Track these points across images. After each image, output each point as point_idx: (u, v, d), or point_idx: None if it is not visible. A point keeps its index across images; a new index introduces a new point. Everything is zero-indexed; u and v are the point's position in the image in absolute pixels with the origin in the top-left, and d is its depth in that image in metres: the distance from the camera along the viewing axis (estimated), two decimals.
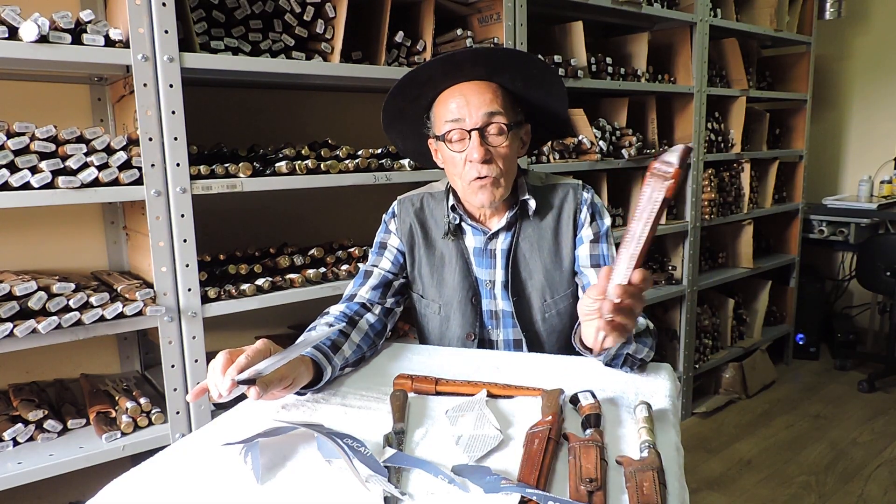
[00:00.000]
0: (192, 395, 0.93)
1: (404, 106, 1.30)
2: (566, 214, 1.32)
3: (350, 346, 1.17)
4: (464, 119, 1.21)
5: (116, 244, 1.87)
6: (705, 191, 3.08)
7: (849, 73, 4.13)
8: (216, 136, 1.89)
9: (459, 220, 1.34)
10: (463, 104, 1.21)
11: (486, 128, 1.21)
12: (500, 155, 1.23)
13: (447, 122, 1.23)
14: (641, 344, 1.10)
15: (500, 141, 1.22)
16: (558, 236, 1.32)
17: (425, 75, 1.23)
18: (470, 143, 1.21)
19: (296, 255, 1.86)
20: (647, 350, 1.13)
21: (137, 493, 0.78)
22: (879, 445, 2.89)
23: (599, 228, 1.32)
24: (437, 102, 1.27)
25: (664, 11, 2.72)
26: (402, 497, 0.75)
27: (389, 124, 1.35)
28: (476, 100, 1.21)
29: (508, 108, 1.24)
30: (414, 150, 1.42)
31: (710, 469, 2.73)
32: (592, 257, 1.30)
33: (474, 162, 1.21)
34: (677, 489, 0.77)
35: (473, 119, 1.20)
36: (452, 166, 1.26)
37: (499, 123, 1.21)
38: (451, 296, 1.35)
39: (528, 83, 1.26)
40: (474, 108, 1.20)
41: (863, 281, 3.66)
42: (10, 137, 1.35)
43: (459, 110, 1.21)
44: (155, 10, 1.45)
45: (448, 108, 1.23)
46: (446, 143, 1.24)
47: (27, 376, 1.76)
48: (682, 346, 3.13)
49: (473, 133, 1.20)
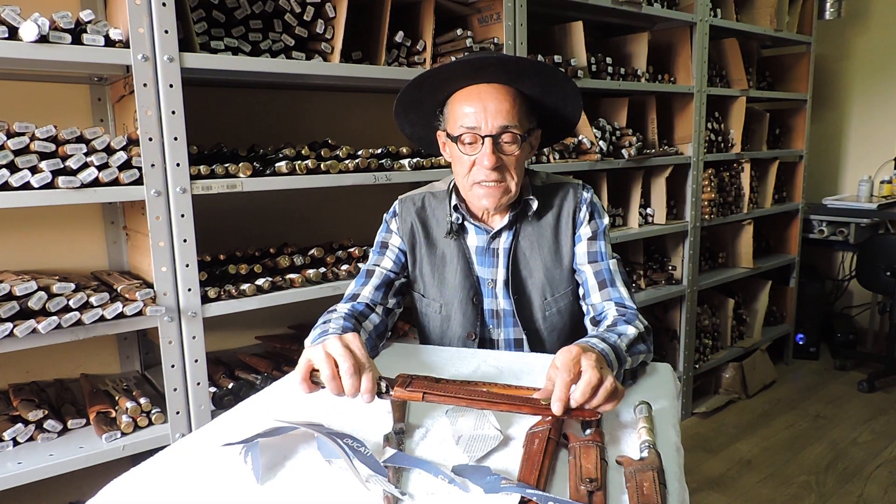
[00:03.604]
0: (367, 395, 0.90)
1: (420, 97, 1.29)
2: (566, 213, 1.33)
3: None
4: (479, 126, 1.20)
5: (116, 244, 1.87)
6: (705, 191, 3.08)
7: (849, 73, 4.13)
8: (216, 136, 1.89)
9: (462, 220, 1.35)
10: (480, 110, 1.20)
11: (501, 135, 1.21)
12: (511, 162, 1.23)
13: (461, 126, 1.22)
14: (635, 353, 1.10)
15: (512, 149, 1.22)
16: (558, 235, 1.33)
17: (448, 72, 1.23)
18: (482, 149, 1.21)
19: (296, 255, 1.86)
20: (644, 355, 1.13)
21: (137, 493, 0.78)
22: (879, 445, 2.89)
23: (598, 227, 1.33)
24: (453, 99, 1.26)
25: (664, 11, 2.72)
26: (402, 497, 0.75)
27: (402, 112, 1.34)
28: (494, 107, 1.20)
29: (524, 117, 1.24)
30: (420, 138, 1.41)
31: (710, 469, 2.73)
32: (590, 254, 1.31)
33: (484, 167, 1.21)
34: (677, 489, 0.78)
35: (489, 127, 1.20)
36: (460, 165, 1.26)
37: (513, 133, 1.21)
38: (452, 295, 1.35)
39: (546, 90, 1.27)
40: (491, 117, 1.20)
41: (863, 281, 3.66)
42: (10, 137, 1.35)
43: (476, 116, 1.20)
44: (155, 10, 1.45)
45: (464, 111, 1.22)
46: (458, 143, 1.24)
47: (27, 376, 1.76)
48: (682, 346, 3.13)
49: (487, 139, 1.20)
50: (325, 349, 0.91)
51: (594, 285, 1.29)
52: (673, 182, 2.96)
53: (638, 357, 1.11)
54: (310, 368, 0.92)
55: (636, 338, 1.12)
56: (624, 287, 1.28)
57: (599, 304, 1.27)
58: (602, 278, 1.28)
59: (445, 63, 1.21)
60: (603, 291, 1.27)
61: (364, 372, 0.90)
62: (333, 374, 0.89)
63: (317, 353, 0.91)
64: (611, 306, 1.24)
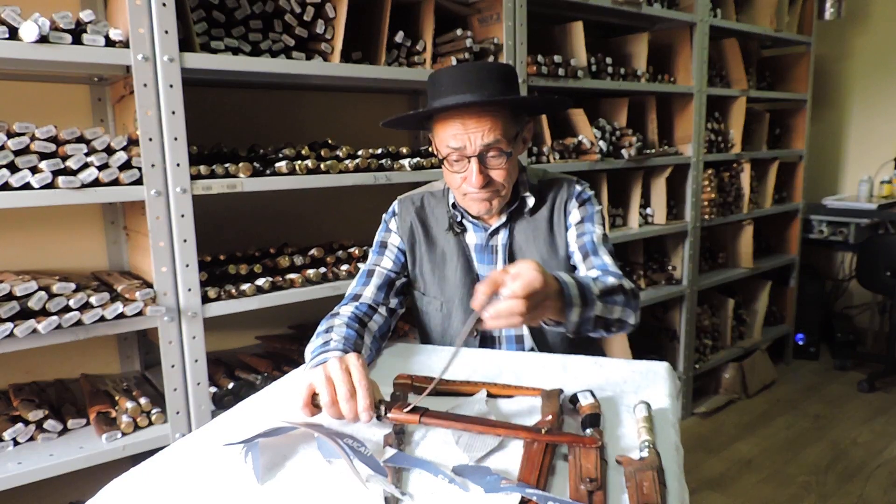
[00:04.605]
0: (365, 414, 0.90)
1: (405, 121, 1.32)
2: (558, 205, 1.35)
3: (365, 349, 1.18)
4: (464, 147, 1.20)
5: (116, 244, 1.87)
6: (705, 191, 3.08)
7: (849, 73, 4.13)
8: (216, 136, 1.89)
9: (461, 218, 1.36)
10: (462, 132, 1.19)
11: (486, 153, 1.21)
12: (500, 175, 1.24)
13: (448, 146, 1.22)
14: (609, 303, 1.09)
15: (499, 163, 1.22)
16: (552, 226, 1.34)
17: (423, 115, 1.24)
18: (470, 168, 1.21)
19: (296, 255, 1.86)
20: (621, 309, 1.12)
21: (137, 493, 0.78)
22: (879, 445, 2.89)
23: (588, 211, 1.34)
24: (437, 121, 1.25)
25: (664, 11, 2.72)
26: (402, 497, 0.75)
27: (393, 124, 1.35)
28: (475, 128, 1.19)
29: (509, 126, 1.22)
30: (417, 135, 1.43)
31: (710, 469, 2.73)
32: (579, 235, 1.32)
33: (473, 186, 1.22)
34: (677, 489, 0.78)
35: (473, 147, 1.20)
36: (451, 179, 1.28)
37: (498, 149, 1.21)
38: (452, 293, 1.35)
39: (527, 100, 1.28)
40: (474, 136, 1.19)
41: (863, 281, 3.66)
42: (10, 137, 1.35)
43: (460, 138, 1.20)
44: (155, 10, 1.45)
45: (448, 133, 1.21)
46: (446, 162, 1.24)
47: (27, 376, 1.76)
48: (682, 346, 3.13)
49: (473, 159, 1.20)
50: (325, 372, 0.92)
51: (580, 259, 1.30)
52: (673, 182, 2.96)
53: (612, 308, 1.09)
54: (311, 393, 0.92)
55: (614, 288, 1.11)
56: (607, 255, 1.28)
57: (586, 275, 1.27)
58: (585, 250, 1.30)
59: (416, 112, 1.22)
60: (587, 261, 1.29)
61: (361, 394, 0.90)
62: (333, 401, 0.90)
63: (317, 376, 0.92)
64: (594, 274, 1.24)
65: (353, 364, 0.93)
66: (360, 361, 0.94)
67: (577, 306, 1.02)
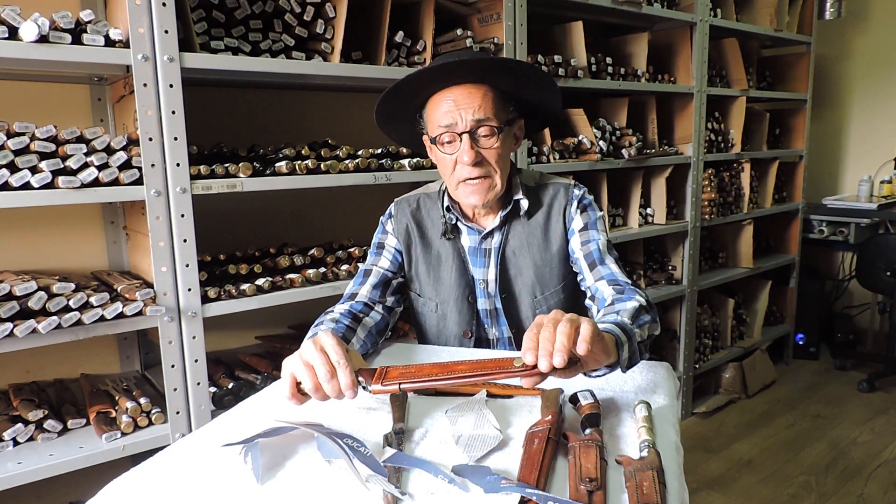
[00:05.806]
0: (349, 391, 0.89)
1: (395, 109, 1.31)
2: (556, 211, 1.34)
3: (357, 341, 1.20)
4: (455, 123, 1.22)
5: (116, 244, 1.87)
6: (705, 191, 3.08)
7: (849, 73, 4.12)
8: (216, 136, 1.89)
9: (455, 221, 1.36)
10: (453, 108, 1.21)
11: (477, 130, 1.22)
12: (492, 155, 1.24)
13: (439, 126, 1.23)
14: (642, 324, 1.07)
15: (490, 143, 1.23)
16: (548, 232, 1.33)
17: (416, 82, 1.24)
18: (461, 146, 1.22)
19: (296, 255, 1.86)
20: (649, 325, 1.10)
21: (137, 493, 0.78)
22: (879, 445, 2.89)
23: (590, 217, 1.33)
24: (428, 104, 1.27)
25: (664, 11, 2.72)
26: (402, 497, 0.75)
27: (384, 121, 1.36)
28: (466, 104, 1.21)
29: (500, 108, 1.24)
30: (410, 141, 1.42)
31: (710, 469, 2.73)
32: (583, 243, 1.31)
33: (465, 164, 1.22)
34: (677, 489, 0.77)
35: (464, 123, 1.21)
36: (444, 166, 1.28)
37: (489, 126, 1.22)
38: (447, 294, 1.36)
39: (520, 84, 1.27)
40: (465, 113, 1.21)
41: (863, 281, 3.66)
42: (10, 137, 1.35)
43: (451, 115, 1.22)
44: (155, 10, 1.45)
45: (439, 112, 1.23)
46: (438, 145, 1.25)
47: (27, 376, 1.76)
48: (682, 346, 3.13)
49: (464, 136, 1.21)
50: (302, 358, 0.91)
51: (586, 267, 1.29)
52: (673, 182, 2.96)
53: (644, 328, 1.08)
54: (294, 382, 0.91)
55: (638, 310, 1.10)
56: (614, 263, 1.28)
57: (593, 285, 1.27)
58: (592, 259, 1.29)
59: (412, 72, 1.22)
60: (594, 271, 1.28)
61: (340, 370, 0.89)
62: (316, 386, 0.89)
63: (296, 364, 0.91)
64: (603, 284, 1.24)
65: (328, 343, 0.91)
66: (335, 339, 0.92)
67: (625, 343, 0.99)
